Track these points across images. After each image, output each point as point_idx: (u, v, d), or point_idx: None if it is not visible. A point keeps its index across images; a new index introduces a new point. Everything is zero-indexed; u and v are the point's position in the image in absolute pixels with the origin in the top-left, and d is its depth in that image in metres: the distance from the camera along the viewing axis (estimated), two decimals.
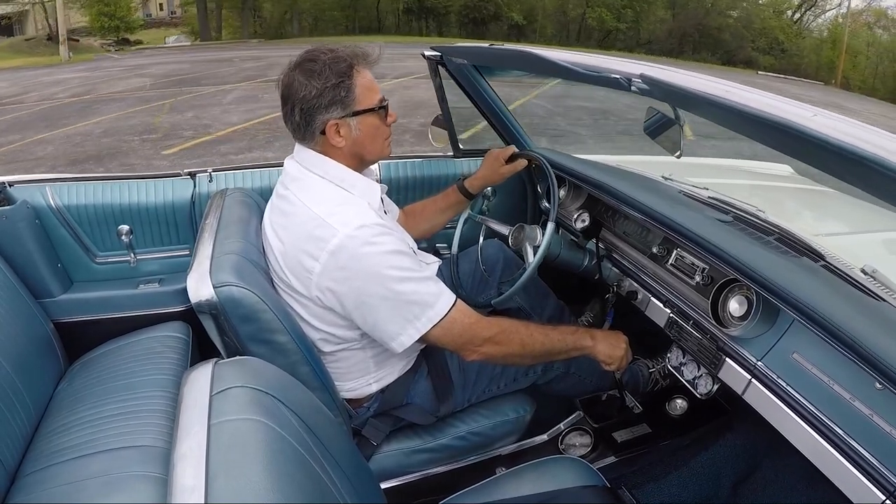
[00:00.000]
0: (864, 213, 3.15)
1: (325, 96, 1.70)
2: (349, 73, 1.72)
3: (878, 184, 1.16)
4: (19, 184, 2.19)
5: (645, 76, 1.47)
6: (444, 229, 2.59)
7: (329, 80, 1.69)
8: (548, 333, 1.91)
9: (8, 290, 1.94)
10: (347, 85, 1.72)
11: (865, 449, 1.34)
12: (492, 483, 1.70)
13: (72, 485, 1.52)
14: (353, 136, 1.78)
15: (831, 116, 1.13)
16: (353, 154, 1.82)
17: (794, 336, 1.60)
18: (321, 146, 1.79)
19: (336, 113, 1.73)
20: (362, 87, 1.75)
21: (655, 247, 2.17)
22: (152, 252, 2.44)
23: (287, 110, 1.76)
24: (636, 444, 2.36)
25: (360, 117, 1.77)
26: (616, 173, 2.60)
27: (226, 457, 0.93)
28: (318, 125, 1.75)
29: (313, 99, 1.70)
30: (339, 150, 1.80)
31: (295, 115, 1.74)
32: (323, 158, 1.79)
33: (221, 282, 1.61)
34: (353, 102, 1.74)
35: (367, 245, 1.65)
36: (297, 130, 1.78)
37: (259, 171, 2.53)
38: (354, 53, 1.76)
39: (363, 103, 1.76)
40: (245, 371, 1.15)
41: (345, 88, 1.72)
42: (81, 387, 1.95)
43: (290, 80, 1.73)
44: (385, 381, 2.01)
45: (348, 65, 1.72)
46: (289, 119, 1.77)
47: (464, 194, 2.40)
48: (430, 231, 2.49)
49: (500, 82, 2.85)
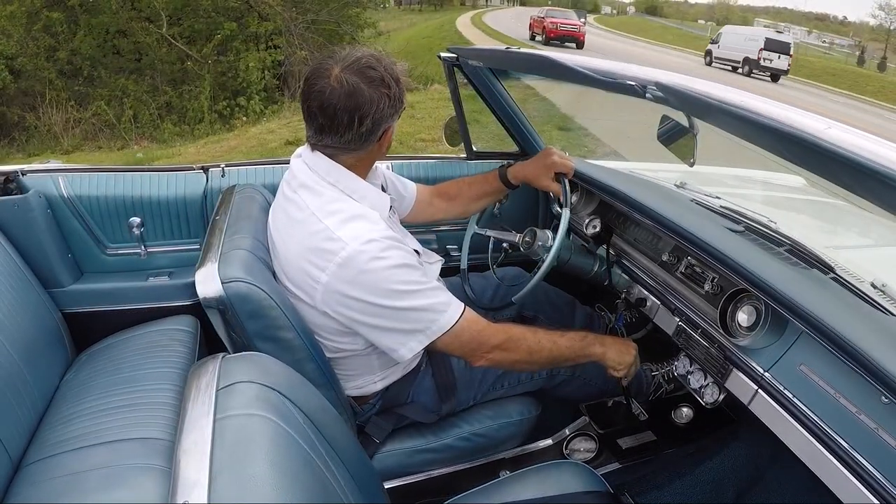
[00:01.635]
0: (876, 227, 3.14)
1: (395, 103, 1.69)
2: (399, 78, 1.71)
3: (891, 198, 1.15)
4: (32, 173, 2.19)
5: (660, 83, 1.46)
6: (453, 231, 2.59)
7: (391, 86, 1.67)
8: (556, 340, 1.90)
9: (18, 279, 1.95)
10: (401, 89, 1.71)
11: (870, 462, 1.34)
12: (495, 486, 1.70)
13: (75, 475, 1.52)
14: (391, 138, 1.79)
15: (846, 129, 1.13)
16: (372, 162, 1.82)
17: (802, 348, 1.60)
18: (365, 153, 1.75)
19: (395, 118, 1.73)
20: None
21: (666, 254, 2.17)
22: (163, 245, 2.44)
23: (345, 119, 1.64)
24: (641, 450, 2.36)
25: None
26: (629, 180, 2.60)
27: (230, 452, 0.94)
28: (380, 133, 1.72)
29: (387, 108, 1.67)
30: (370, 157, 1.79)
31: (364, 124, 1.66)
32: (337, 167, 1.75)
33: (229, 277, 1.62)
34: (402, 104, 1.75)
35: (375, 260, 1.63)
36: (356, 140, 1.69)
37: (272, 168, 2.53)
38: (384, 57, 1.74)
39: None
40: (251, 367, 1.15)
41: (401, 92, 1.71)
42: (88, 377, 1.95)
43: (352, 90, 1.61)
44: (390, 379, 2.00)
45: (394, 67, 1.70)
46: (347, 129, 1.66)
47: (504, 183, 2.34)
48: (460, 216, 2.48)
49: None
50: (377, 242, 1.64)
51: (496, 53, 2.32)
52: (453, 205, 2.41)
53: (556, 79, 2.53)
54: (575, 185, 2.63)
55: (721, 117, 1.39)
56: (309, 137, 1.75)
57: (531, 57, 2.12)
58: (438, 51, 2.61)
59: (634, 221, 2.36)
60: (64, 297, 2.21)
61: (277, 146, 9.36)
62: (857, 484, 1.35)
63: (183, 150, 10.36)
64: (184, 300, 2.34)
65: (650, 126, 2.28)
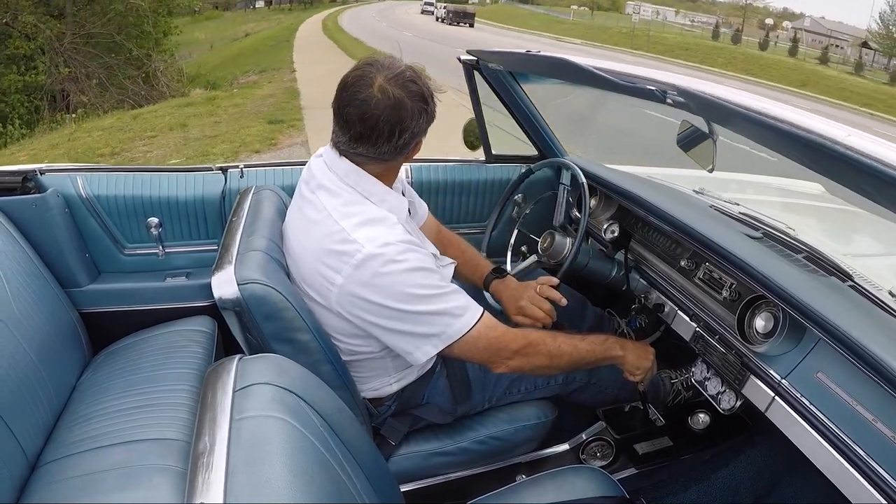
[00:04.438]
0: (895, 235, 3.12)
1: (430, 118, 1.70)
2: (433, 93, 1.71)
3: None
4: (50, 172, 2.20)
5: (680, 88, 1.46)
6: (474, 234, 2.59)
7: (429, 102, 1.68)
8: (576, 344, 1.88)
9: (35, 279, 1.95)
10: (435, 104, 1.71)
11: (886, 470, 1.34)
12: (511, 490, 1.70)
13: (91, 475, 1.52)
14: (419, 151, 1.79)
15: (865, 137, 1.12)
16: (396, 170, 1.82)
17: (819, 355, 1.60)
18: (392, 161, 1.75)
19: (427, 130, 1.73)
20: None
21: (684, 260, 2.17)
22: (181, 246, 2.45)
23: (385, 131, 1.64)
24: (657, 456, 2.34)
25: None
26: (647, 185, 2.59)
27: (247, 453, 0.94)
28: (412, 145, 1.73)
29: (424, 123, 1.68)
30: (396, 168, 1.79)
31: (403, 137, 1.66)
32: (357, 171, 1.73)
33: (246, 279, 1.62)
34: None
35: (391, 263, 1.62)
36: (391, 152, 1.69)
37: (291, 169, 2.53)
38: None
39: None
40: (268, 368, 1.16)
41: (435, 107, 1.71)
42: (105, 377, 1.96)
43: (396, 103, 1.61)
44: (406, 381, 2.00)
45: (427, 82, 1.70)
46: (386, 141, 1.66)
47: (484, 286, 2.29)
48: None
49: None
50: (394, 246, 1.64)
51: (516, 56, 2.32)
52: (448, 253, 2.33)
53: (577, 83, 2.52)
54: (594, 189, 2.63)
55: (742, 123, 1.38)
56: (339, 143, 1.72)
57: (552, 60, 2.11)
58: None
59: (653, 226, 2.36)
60: (81, 297, 2.21)
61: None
62: (873, 492, 1.35)
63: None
64: (201, 301, 2.34)
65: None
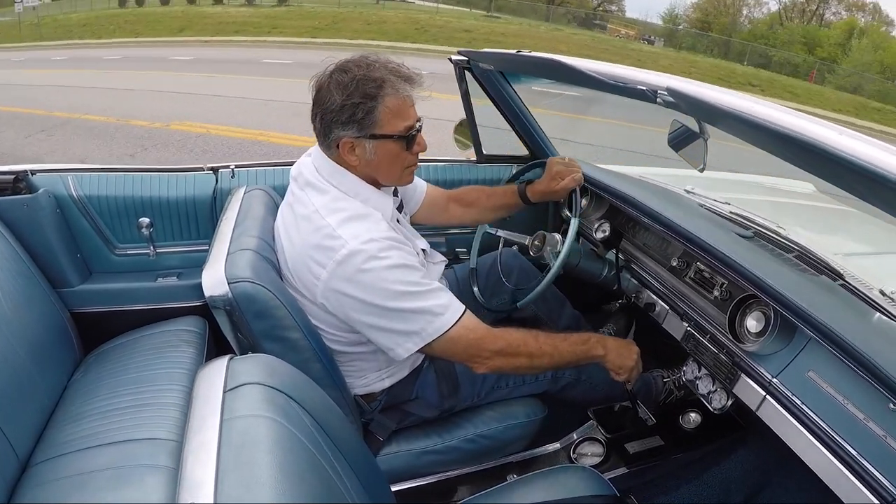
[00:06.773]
0: (886, 234, 3.13)
1: (344, 112, 1.66)
2: (375, 95, 1.66)
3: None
4: (42, 172, 2.19)
5: (671, 89, 1.46)
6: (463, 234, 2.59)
7: (352, 97, 1.65)
8: (557, 344, 1.88)
9: (26, 279, 1.95)
10: (369, 107, 1.66)
11: (877, 469, 1.35)
12: (502, 489, 1.70)
13: (82, 475, 1.52)
14: (367, 158, 1.75)
15: (857, 136, 1.12)
16: (367, 175, 1.80)
17: (810, 354, 1.60)
18: (336, 158, 1.78)
19: (351, 132, 1.70)
20: (388, 111, 1.69)
21: (675, 259, 2.17)
22: (172, 246, 2.44)
23: (313, 113, 1.74)
24: (648, 455, 2.34)
25: (377, 141, 1.72)
26: (638, 185, 2.60)
27: (237, 454, 0.94)
28: (333, 138, 1.72)
29: (334, 112, 1.67)
30: (353, 166, 1.78)
31: (317, 121, 1.73)
32: (340, 169, 1.77)
33: (236, 277, 1.63)
34: (372, 125, 1.69)
35: (372, 259, 1.63)
36: (318, 136, 1.76)
37: (282, 169, 2.53)
38: (393, 74, 1.69)
39: (384, 128, 1.70)
40: (258, 368, 1.16)
41: (364, 109, 1.67)
42: (96, 378, 1.95)
43: (320, 86, 1.70)
44: (397, 376, 2.02)
45: (377, 85, 1.66)
46: (313, 122, 1.74)
47: (522, 199, 2.37)
48: (474, 223, 2.52)
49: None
50: (377, 242, 1.65)
51: (507, 56, 2.32)
52: (469, 212, 2.42)
53: (568, 83, 2.52)
54: (585, 189, 2.63)
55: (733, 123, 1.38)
56: (320, 144, 1.80)
57: (543, 60, 2.11)
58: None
59: (644, 226, 2.37)
60: (72, 297, 2.21)
61: None
62: (865, 490, 1.35)
63: None
64: (193, 301, 2.34)
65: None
